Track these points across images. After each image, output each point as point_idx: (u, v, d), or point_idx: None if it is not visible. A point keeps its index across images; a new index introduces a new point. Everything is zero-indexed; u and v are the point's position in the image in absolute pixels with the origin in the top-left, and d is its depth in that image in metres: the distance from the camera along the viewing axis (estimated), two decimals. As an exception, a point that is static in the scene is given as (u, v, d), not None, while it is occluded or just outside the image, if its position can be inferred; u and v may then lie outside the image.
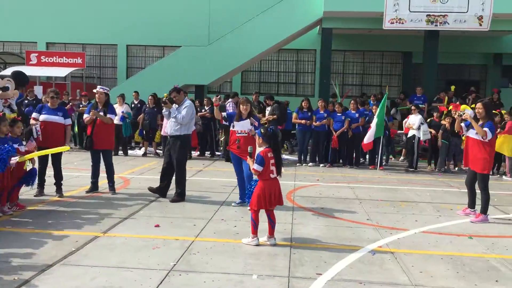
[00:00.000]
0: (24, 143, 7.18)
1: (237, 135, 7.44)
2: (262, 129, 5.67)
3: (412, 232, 6.33)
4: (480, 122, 6.82)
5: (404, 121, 13.52)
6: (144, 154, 14.16)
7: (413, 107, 12.98)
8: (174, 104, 7.87)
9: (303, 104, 13.31)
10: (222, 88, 22.15)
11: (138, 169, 11.29)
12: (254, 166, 5.57)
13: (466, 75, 22.23)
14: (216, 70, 18.17)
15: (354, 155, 13.16)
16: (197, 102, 14.97)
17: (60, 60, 19.81)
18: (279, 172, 5.58)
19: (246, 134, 7.40)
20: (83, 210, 7.02)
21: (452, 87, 17.45)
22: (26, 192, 7.73)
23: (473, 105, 13.72)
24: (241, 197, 7.66)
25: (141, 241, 5.60)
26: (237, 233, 6.07)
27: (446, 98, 16.72)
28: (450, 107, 13.69)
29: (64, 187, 8.11)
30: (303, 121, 13.08)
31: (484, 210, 7.00)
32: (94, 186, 8.33)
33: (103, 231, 5.95)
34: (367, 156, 13.53)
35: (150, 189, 8.11)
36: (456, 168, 13.01)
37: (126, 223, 6.39)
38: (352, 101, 13.37)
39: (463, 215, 7.40)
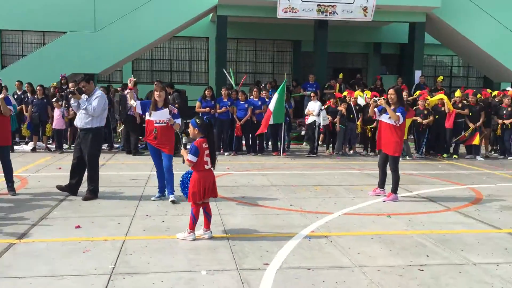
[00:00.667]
0: None
1: (155, 125, 7.11)
2: (197, 119, 5.47)
3: (336, 215, 6.60)
4: (392, 107, 7.28)
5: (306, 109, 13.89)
6: (33, 149, 13.01)
7: (312, 94, 13.48)
8: (84, 95, 7.31)
9: (206, 92, 13.17)
10: (112, 77, 21.08)
11: (32, 166, 10.36)
12: (188, 157, 5.38)
13: (350, 63, 23.63)
14: (107, 58, 17.21)
15: (257, 143, 13.36)
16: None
17: None
18: (213, 163, 5.45)
19: (165, 124, 7.11)
20: (-15, 216, 6.26)
21: (340, 75, 18.48)
22: None
23: (366, 91, 14.68)
24: (161, 190, 7.38)
25: (67, 244, 5.13)
26: (168, 228, 5.84)
27: (337, 85, 17.69)
28: (345, 93, 14.51)
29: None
30: (207, 109, 12.94)
31: (395, 190, 7.53)
32: None
33: (18, 237, 5.35)
34: (269, 143, 13.81)
35: (59, 187, 7.49)
36: (351, 151, 13.81)
37: (41, 227, 5.82)
38: (255, 89, 13.53)
39: (374, 195, 7.88)
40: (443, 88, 18.05)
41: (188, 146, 5.68)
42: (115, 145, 13.87)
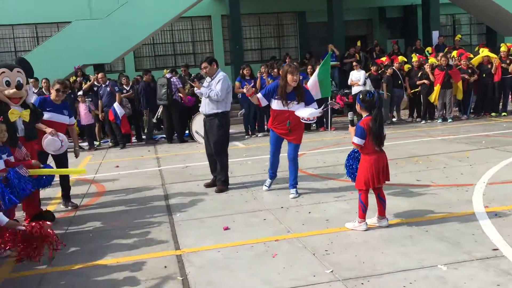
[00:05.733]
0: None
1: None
2: (361, 94, 4.84)
3: (480, 186, 6.11)
4: None
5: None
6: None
7: (354, 63, 12.90)
8: (206, 80, 6.68)
9: (244, 71, 12.41)
10: (115, 66, 19.91)
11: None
12: (354, 140, 4.78)
13: (353, 31, 23.03)
14: (117, 45, 16.13)
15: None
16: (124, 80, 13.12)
17: None
18: (380, 144, 4.82)
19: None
20: (104, 227, 5.50)
21: (358, 42, 17.92)
22: None
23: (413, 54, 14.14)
24: (271, 176, 6.68)
25: (242, 250, 4.47)
26: (326, 219, 5.22)
27: (357, 54, 17.12)
28: (383, 58, 13.98)
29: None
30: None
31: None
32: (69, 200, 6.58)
33: (175, 248, 4.65)
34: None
35: (206, 184, 7.04)
36: (395, 119, 13.36)
37: (184, 232, 5.11)
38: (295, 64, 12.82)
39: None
40: (461, 46, 17.76)
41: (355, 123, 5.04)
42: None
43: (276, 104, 6.23)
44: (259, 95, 6.39)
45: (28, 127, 5.49)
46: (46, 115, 6.11)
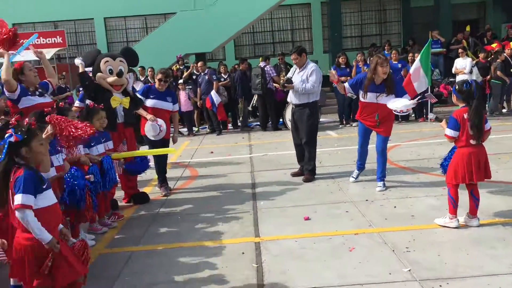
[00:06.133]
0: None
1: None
2: (457, 85, 4.56)
3: None
4: None
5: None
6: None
7: (460, 50, 12.10)
8: (298, 73, 6.69)
9: (340, 59, 12.17)
10: (215, 55, 20.54)
11: (180, 153, 9.91)
12: (446, 132, 4.52)
13: (462, 15, 21.51)
14: (218, 35, 16.61)
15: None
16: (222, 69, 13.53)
17: (37, 41, 17.60)
18: (478, 137, 4.49)
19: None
20: (192, 210, 5.77)
21: (467, 27, 16.71)
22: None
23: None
24: (359, 167, 6.53)
25: (319, 241, 4.45)
26: (412, 215, 5.01)
27: (464, 40, 15.98)
28: (494, 45, 12.95)
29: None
30: (343, 78, 11.95)
31: None
32: (167, 184, 6.84)
33: (254, 235, 4.76)
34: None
35: (293, 174, 7.06)
36: (505, 110, 12.33)
37: (266, 219, 5.20)
38: (394, 51, 12.35)
39: None
40: None
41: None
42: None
43: (364, 95, 6.05)
44: (346, 84, 6.26)
45: (128, 113, 5.88)
46: (150, 102, 6.45)
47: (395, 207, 5.33)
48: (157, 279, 3.91)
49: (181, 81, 13.06)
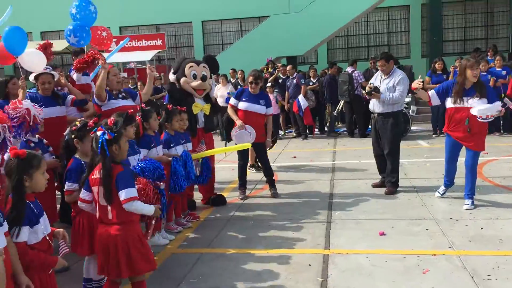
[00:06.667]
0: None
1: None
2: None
3: None
4: None
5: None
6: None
7: None
8: (383, 80, 6.46)
9: (436, 65, 11.52)
10: (308, 59, 20.46)
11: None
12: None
13: None
14: (309, 38, 16.57)
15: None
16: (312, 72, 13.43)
17: (140, 43, 18.75)
18: None
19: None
20: (266, 216, 5.75)
21: None
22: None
23: None
24: (446, 183, 6.08)
25: (391, 260, 4.21)
26: (500, 239, 4.58)
27: None
28: None
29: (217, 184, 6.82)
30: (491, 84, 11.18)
31: None
32: (245, 189, 6.80)
33: (324, 247, 4.62)
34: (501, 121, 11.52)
35: (374, 184, 6.83)
36: None
37: (337, 231, 5.03)
38: (498, 57, 11.45)
39: None
40: None
41: None
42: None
43: (451, 102, 5.64)
44: (431, 92, 5.86)
45: (208, 119, 6.01)
46: (242, 105, 6.50)
47: (482, 228, 4.91)
48: (219, 284, 3.93)
49: (269, 84, 13.14)
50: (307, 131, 12.42)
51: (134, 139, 4.41)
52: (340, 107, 12.22)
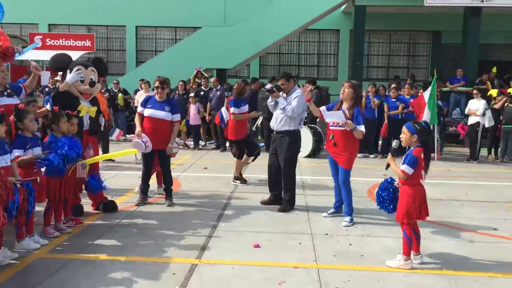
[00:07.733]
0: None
1: (330, 128, 6.12)
2: (415, 124, 4.51)
3: None
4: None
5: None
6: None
7: (475, 92, 11.78)
8: (281, 93, 6.63)
9: (391, 93, 11.99)
10: (240, 73, 20.72)
11: (176, 165, 9.94)
12: (404, 168, 4.42)
13: (497, 55, 20.96)
14: (240, 52, 16.83)
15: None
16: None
17: (67, 43, 18.23)
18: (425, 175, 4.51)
19: (341, 128, 6.02)
20: (151, 225, 5.77)
21: (494, 69, 16.31)
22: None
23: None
24: (336, 206, 6.32)
25: (254, 271, 4.36)
26: (361, 255, 4.85)
27: (488, 81, 15.58)
28: (511, 90, 12.58)
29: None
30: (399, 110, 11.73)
31: None
32: (145, 196, 6.85)
33: (197, 256, 4.71)
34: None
35: (263, 202, 6.88)
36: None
37: (216, 241, 5.14)
38: (407, 86, 12.19)
39: None
40: None
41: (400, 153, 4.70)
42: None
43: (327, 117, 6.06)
44: (322, 107, 6.21)
45: (93, 122, 5.98)
46: (147, 112, 6.56)
47: (350, 244, 5.18)
48: (76, 290, 3.92)
49: (191, 94, 13.22)
50: (226, 143, 12.55)
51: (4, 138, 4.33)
52: (259, 123, 12.46)
